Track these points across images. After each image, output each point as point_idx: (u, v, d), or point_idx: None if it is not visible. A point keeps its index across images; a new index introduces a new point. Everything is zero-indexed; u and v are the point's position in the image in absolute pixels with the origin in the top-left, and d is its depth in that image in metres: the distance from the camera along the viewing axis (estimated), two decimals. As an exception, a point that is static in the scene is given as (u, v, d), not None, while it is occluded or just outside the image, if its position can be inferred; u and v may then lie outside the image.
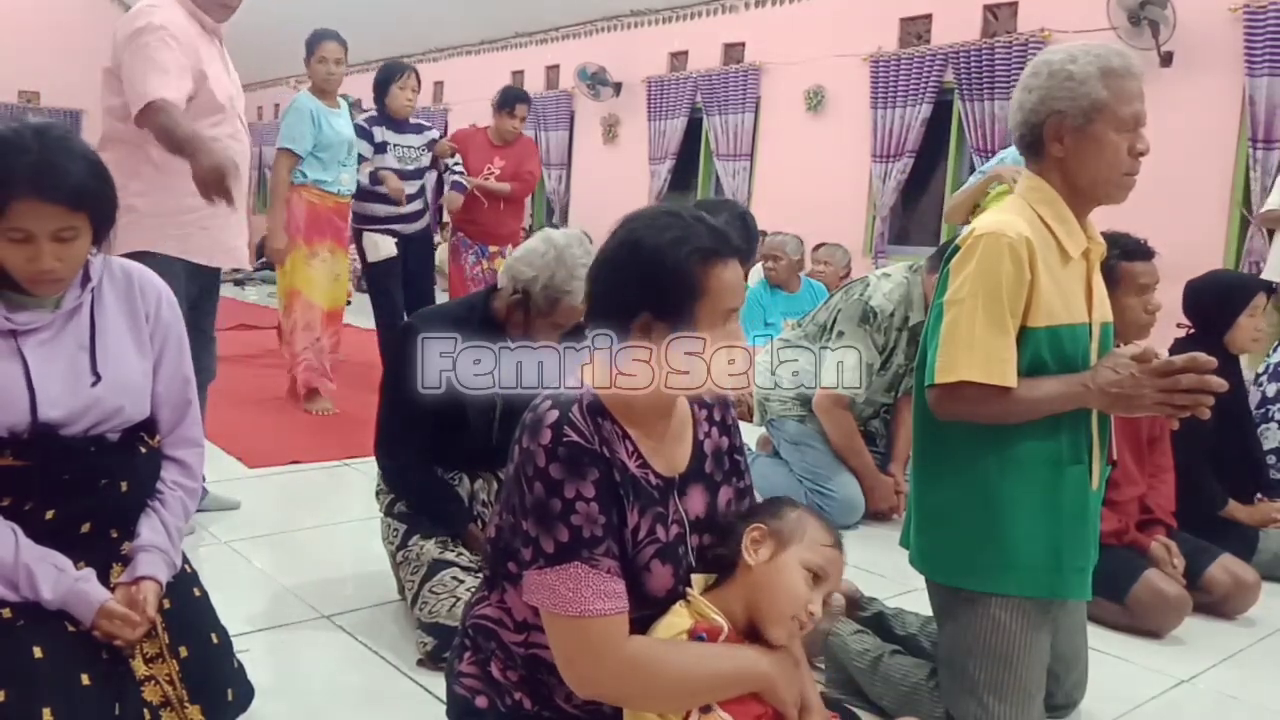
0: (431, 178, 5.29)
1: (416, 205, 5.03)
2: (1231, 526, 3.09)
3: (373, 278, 5.07)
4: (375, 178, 4.81)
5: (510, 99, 5.43)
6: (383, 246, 4.91)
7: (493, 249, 5.44)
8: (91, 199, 1.55)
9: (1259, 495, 3.29)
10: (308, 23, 4.06)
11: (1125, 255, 2.53)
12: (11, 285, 1.57)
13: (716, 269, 1.37)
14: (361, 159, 4.81)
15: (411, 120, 5.07)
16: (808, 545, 1.47)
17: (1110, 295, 2.10)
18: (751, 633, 1.47)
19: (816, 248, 6.72)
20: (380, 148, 4.90)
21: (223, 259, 3.01)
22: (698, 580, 1.48)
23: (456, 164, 5.23)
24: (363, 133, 4.86)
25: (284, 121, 4.62)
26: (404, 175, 4.91)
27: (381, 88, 4.94)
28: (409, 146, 4.99)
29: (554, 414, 1.35)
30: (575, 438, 1.34)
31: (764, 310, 5.60)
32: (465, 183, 5.16)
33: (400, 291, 5.07)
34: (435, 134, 5.18)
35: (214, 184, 2.46)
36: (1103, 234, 1.98)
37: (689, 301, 1.36)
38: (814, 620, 1.46)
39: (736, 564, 1.47)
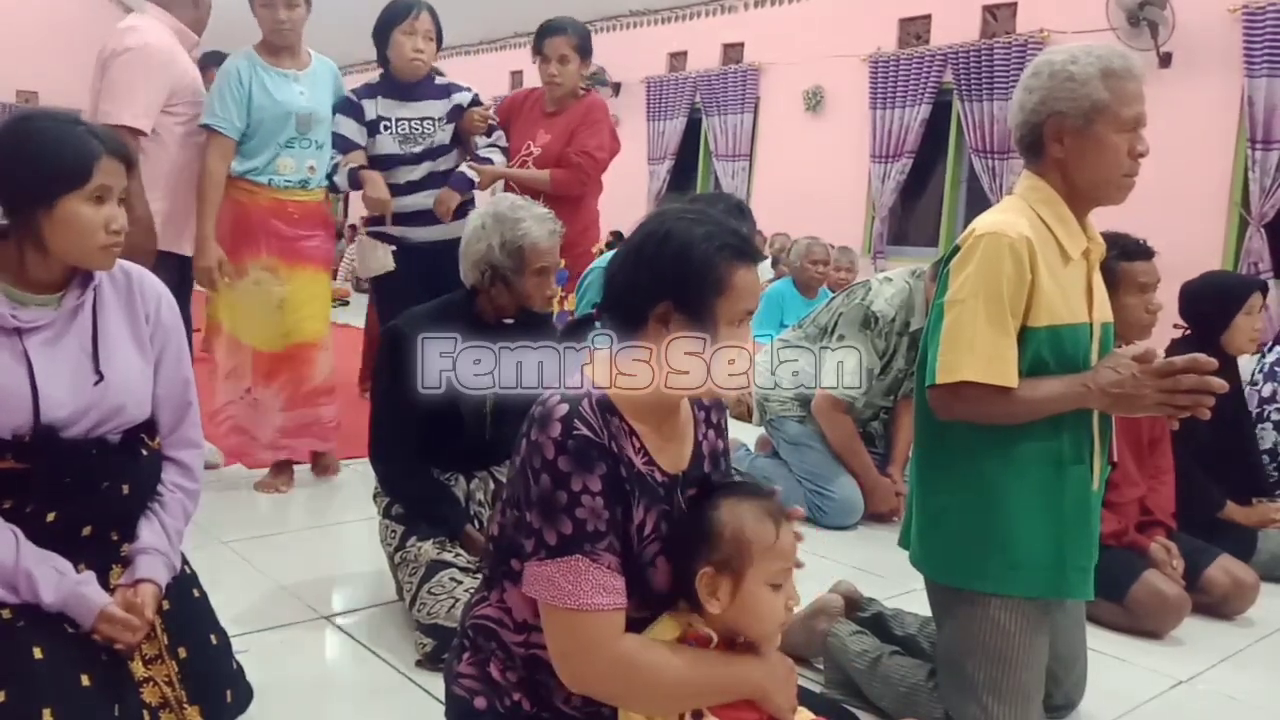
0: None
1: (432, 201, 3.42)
2: (1230, 528, 3.09)
3: (374, 298, 3.76)
4: (355, 179, 3.35)
5: (538, 34, 3.69)
6: (373, 258, 3.48)
7: None
8: (132, 162, 1.65)
9: (1256, 498, 3.28)
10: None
11: (1124, 255, 2.53)
12: (14, 282, 1.58)
13: (741, 270, 1.39)
14: (344, 144, 3.38)
15: (436, 80, 3.51)
16: (760, 560, 1.39)
17: (1110, 295, 2.11)
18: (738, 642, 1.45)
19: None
20: (373, 127, 3.40)
21: (188, 248, 3.29)
22: None
23: (491, 144, 3.55)
24: (349, 109, 3.40)
25: None
26: (406, 160, 3.41)
27: (381, 37, 3.39)
28: (420, 119, 3.42)
29: (563, 408, 1.35)
30: (585, 431, 1.34)
31: (782, 310, 5.56)
32: (472, 173, 3.44)
33: None
34: (467, 96, 3.51)
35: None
36: (1102, 234, 1.99)
37: (712, 296, 1.37)
38: (796, 603, 1.45)
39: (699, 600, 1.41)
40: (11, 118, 1.59)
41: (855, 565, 3.01)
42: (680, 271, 1.37)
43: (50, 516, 1.58)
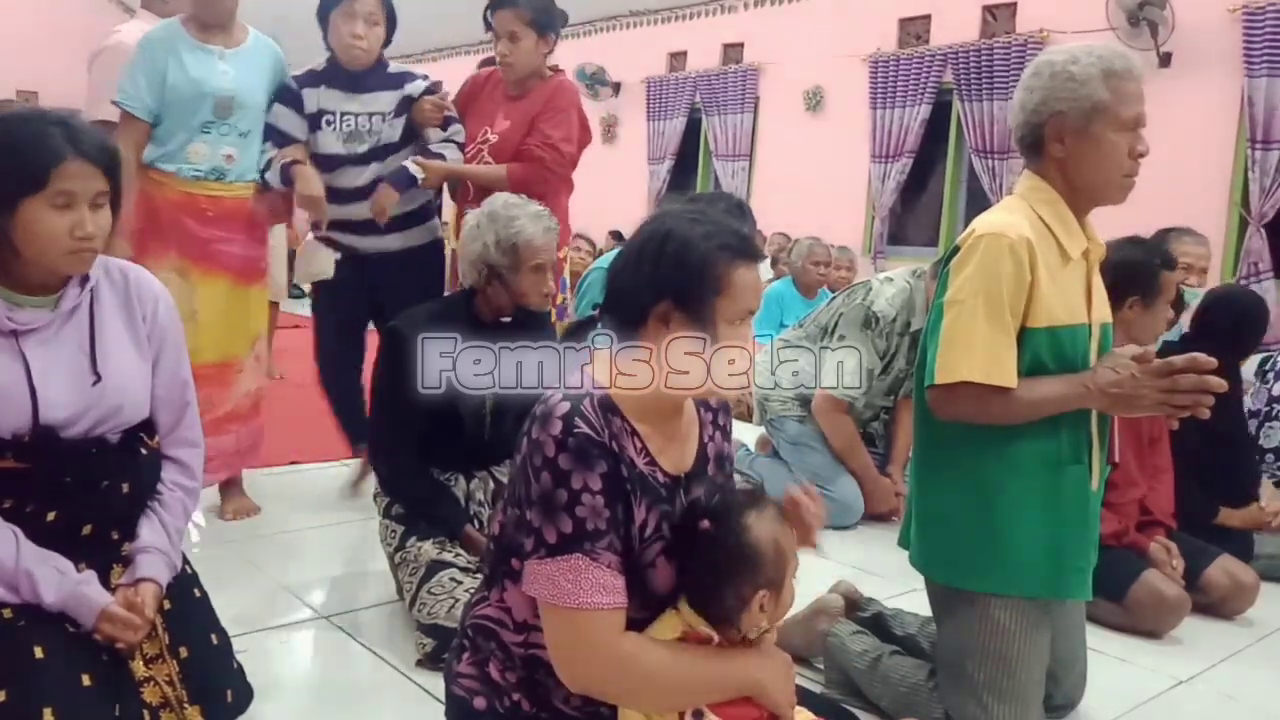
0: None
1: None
2: (1229, 529, 3.08)
3: (312, 305, 3.40)
4: (287, 175, 2.94)
5: (486, 7, 3.19)
6: (313, 262, 3.14)
7: None
8: (115, 164, 1.60)
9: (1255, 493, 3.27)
10: (300, 22, 3.83)
11: (1165, 265, 2.52)
12: (10, 284, 1.58)
13: (741, 269, 1.39)
14: (280, 139, 3.01)
15: (390, 69, 3.12)
16: (790, 561, 1.44)
17: (1151, 305, 2.27)
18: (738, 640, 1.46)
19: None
20: (314, 121, 3.03)
21: None
22: None
23: (446, 139, 3.14)
24: (288, 98, 3.02)
25: None
26: (352, 161, 3.04)
27: (321, 21, 3.06)
28: (368, 114, 3.04)
29: (565, 406, 1.35)
30: (586, 430, 1.34)
31: (782, 311, 5.56)
32: (415, 170, 3.01)
33: (352, 348, 3.31)
34: (420, 85, 3.13)
35: None
36: (1136, 241, 1.99)
37: (712, 296, 1.37)
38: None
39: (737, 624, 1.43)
40: None
41: (855, 565, 3.01)
42: (680, 271, 1.37)
43: (50, 516, 1.58)
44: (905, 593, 2.66)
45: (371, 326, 3.31)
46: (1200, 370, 1.70)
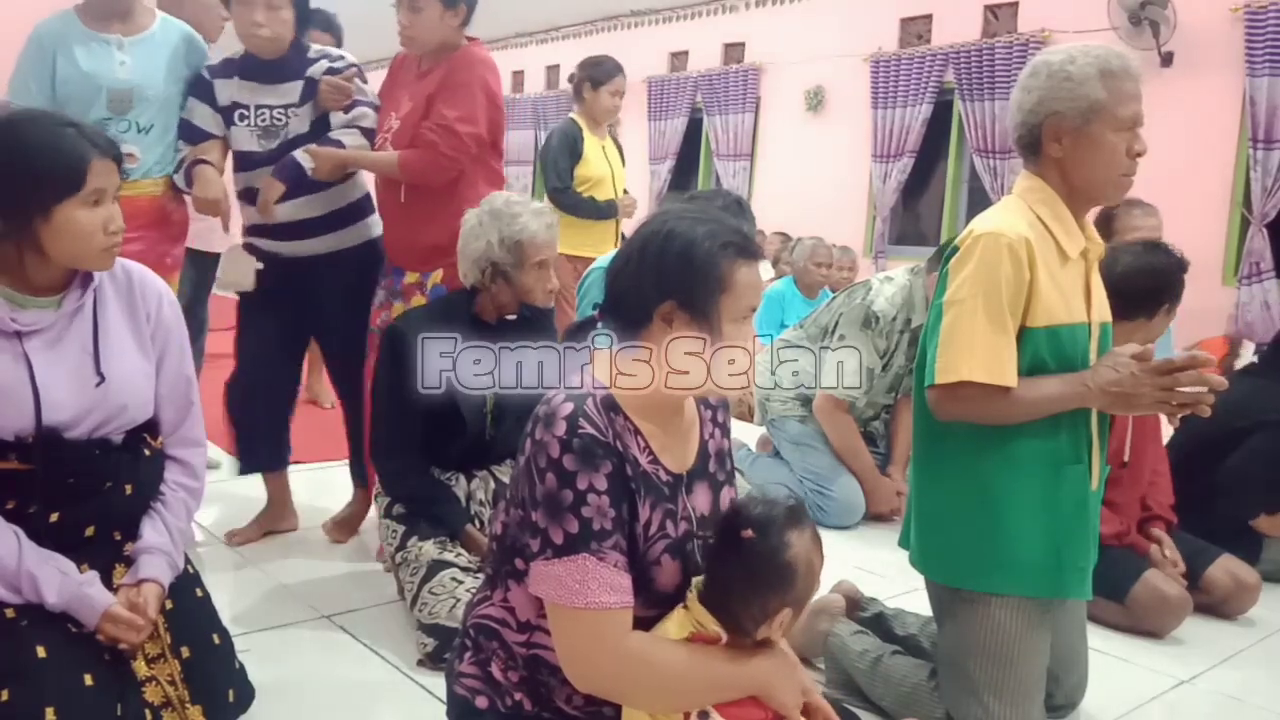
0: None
1: (311, 208, 2.74)
2: (1237, 531, 3.06)
3: (236, 314, 2.99)
4: (189, 175, 2.65)
5: None
6: (234, 273, 2.81)
7: (409, 278, 2.78)
8: (121, 158, 1.64)
9: None
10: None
11: (1183, 269, 2.53)
12: (14, 285, 1.58)
13: (743, 267, 1.40)
14: (192, 134, 2.70)
15: (310, 53, 2.75)
16: (816, 585, 1.48)
17: (1174, 309, 2.31)
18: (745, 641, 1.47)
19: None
20: (228, 114, 2.71)
21: (219, 244, 3.26)
22: (696, 584, 1.48)
23: (349, 124, 2.74)
24: (200, 90, 2.71)
25: None
26: (268, 157, 2.68)
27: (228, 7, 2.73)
28: (283, 107, 2.70)
29: (569, 406, 1.36)
30: (590, 430, 1.34)
31: (783, 311, 5.56)
32: (305, 159, 2.64)
33: (280, 370, 2.93)
34: (321, 66, 2.73)
35: None
36: (1152, 247, 1.99)
37: (716, 294, 1.38)
38: None
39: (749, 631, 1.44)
40: None
41: (856, 565, 3.01)
42: (684, 271, 1.38)
43: (53, 517, 1.59)
44: (906, 592, 2.66)
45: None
46: (1199, 368, 1.71)
